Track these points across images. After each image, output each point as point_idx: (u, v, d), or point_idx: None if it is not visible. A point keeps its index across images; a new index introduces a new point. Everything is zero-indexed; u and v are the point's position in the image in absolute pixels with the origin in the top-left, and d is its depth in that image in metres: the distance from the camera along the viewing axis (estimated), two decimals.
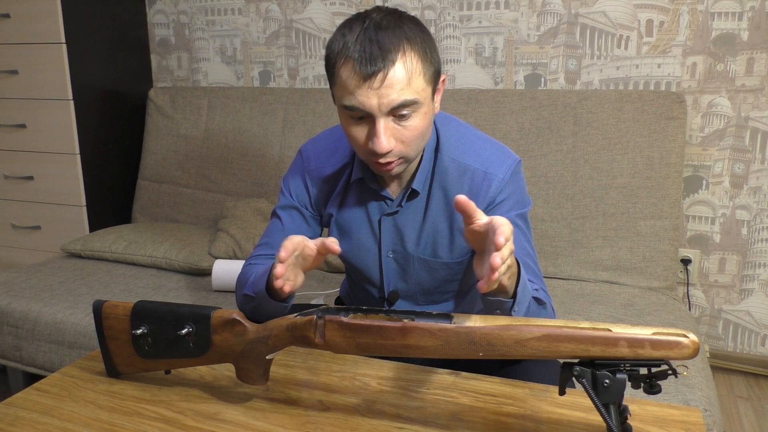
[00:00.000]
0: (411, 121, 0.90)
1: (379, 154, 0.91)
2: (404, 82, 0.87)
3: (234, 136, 2.27)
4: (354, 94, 0.88)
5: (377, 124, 0.89)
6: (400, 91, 0.87)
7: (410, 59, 0.87)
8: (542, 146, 1.89)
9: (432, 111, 0.95)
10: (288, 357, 0.96)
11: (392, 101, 0.87)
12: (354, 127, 0.92)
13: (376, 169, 0.96)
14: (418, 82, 0.88)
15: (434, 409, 0.81)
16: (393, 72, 0.86)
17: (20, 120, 2.27)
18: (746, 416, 1.79)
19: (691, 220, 1.99)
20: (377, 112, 0.88)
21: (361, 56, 0.86)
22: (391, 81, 0.86)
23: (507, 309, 0.82)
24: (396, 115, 0.89)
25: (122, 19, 2.42)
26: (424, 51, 0.90)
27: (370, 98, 0.87)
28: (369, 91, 0.87)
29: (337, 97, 0.93)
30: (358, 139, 0.93)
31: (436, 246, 1.05)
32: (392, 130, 0.90)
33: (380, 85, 0.86)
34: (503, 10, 2.05)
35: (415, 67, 0.88)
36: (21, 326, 1.71)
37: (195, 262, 1.92)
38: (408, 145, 0.92)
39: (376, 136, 0.89)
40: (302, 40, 2.33)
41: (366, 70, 0.86)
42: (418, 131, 0.92)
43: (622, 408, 0.66)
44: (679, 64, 1.91)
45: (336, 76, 0.90)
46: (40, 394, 0.86)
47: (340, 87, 0.90)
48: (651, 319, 1.56)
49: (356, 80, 0.87)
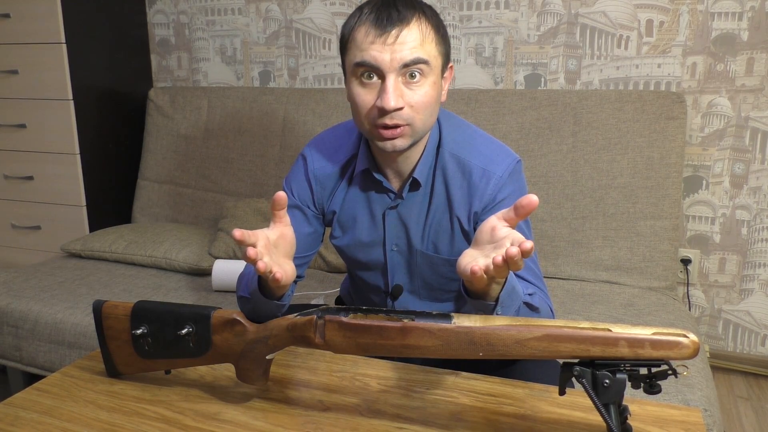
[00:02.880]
0: (420, 85, 0.91)
1: (387, 112, 0.90)
2: (418, 41, 0.90)
3: (234, 136, 2.27)
4: (367, 50, 0.90)
5: (387, 80, 0.90)
6: (413, 49, 0.89)
7: (425, 24, 0.91)
8: (542, 146, 1.89)
9: (440, 89, 0.96)
10: (288, 357, 0.96)
11: (404, 57, 0.89)
12: (362, 90, 0.93)
13: (381, 138, 0.94)
14: (430, 47, 0.92)
15: (434, 409, 0.81)
16: (408, 30, 0.89)
17: (20, 120, 2.27)
18: (746, 416, 1.79)
19: (691, 220, 1.99)
20: (388, 67, 0.89)
21: (377, 17, 0.89)
22: (404, 38, 0.89)
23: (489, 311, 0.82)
24: (407, 75, 0.91)
25: (122, 19, 2.42)
26: (438, 26, 0.93)
27: (383, 53, 0.89)
28: (383, 47, 0.89)
29: (348, 62, 0.94)
30: (366, 103, 0.93)
31: (438, 241, 1.05)
32: (401, 91, 0.91)
33: (394, 41, 0.89)
34: (503, 10, 2.05)
35: (428, 33, 0.91)
36: (21, 326, 1.71)
37: (195, 262, 1.92)
38: (416, 110, 0.92)
39: (385, 92, 0.90)
40: (302, 40, 2.33)
41: (381, 26, 0.89)
42: (427, 98, 0.92)
43: (622, 408, 0.66)
44: (679, 64, 1.91)
45: (350, 41, 0.93)
46: (40, 394, 0.86)
47: (353, 48, 0.92)
48: (651, 319, 1.56)
49: (371, 37, 0.89)
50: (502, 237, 0.72)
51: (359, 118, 0.95)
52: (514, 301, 0.85)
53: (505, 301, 0.82)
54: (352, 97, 0.95)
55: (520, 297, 0.86)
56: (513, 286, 0.83)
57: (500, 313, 0.82)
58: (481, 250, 0.76)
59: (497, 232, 0.74)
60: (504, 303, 0.82)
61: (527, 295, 0.92)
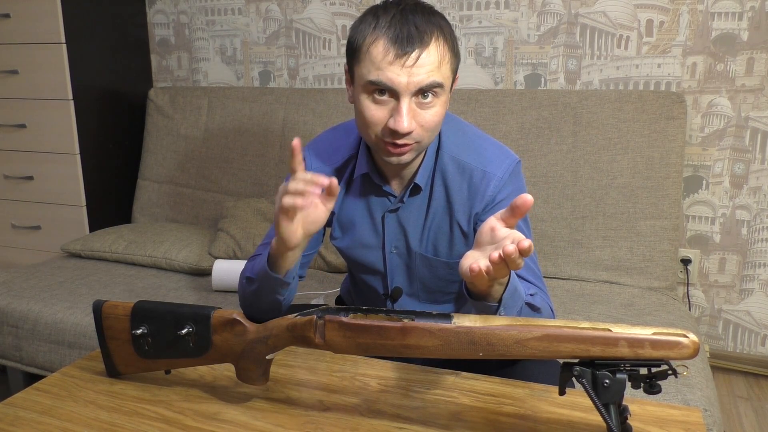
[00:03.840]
0: (432, 105, 0.91)
1: (398, 134, 0.90)
2: (435, 65, 0.89)
3: (234, 136, 2.27)
4: (384, 70, 0.88)
5: (401, 102, 0.89)
6: (430, 73, 0.89)
7: (442, 45, 0.90)
8: (542, 146, 1.89)
9: (448, 103, 0.96)
10: (288, 357, 0.96)
11: (421, 81, 0.88)
12: (374, 106, 0.92)
13: (386, 154, 0.94)
14: (446, 68, 0.91)
15: (434, 409, 0.81)
16: (427, 53, 0.88)
17: (20, 120, 2.27)
18: (746, 416, 1.79)
19: (691, 220, 1.99)
20: (404, 90, 0.89)
21: (396, 34, 0.88)
22: (423, 62, 0.88)
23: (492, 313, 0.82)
24: (420, 96, 0.90)
25: (122, 19, 2.42)
26: (452, 43, 0.93)
27: (400, 76, 0.88)
28: (401, 69, 0.88)
29: (360, 76, 0.92)
30: (377, 120, 0.92)
31: (437, 244, 1.06)
32: (414, 112, 0.91)
33: (413, 63, 0.88)
34: (503, 10, 2.05)
35: (445, 54, 0.91)
36: (21, 326, 1.71)
37: (195, 262, 1.92)
38: (426, 130, 0.93)
39: (399, 115, 0.89)
40: (302, 40, 2.33)
41: (402, 47, 0.88)
42: (438, 117, 0.93)
43: (622, 408, 0.66)
44: (679, 64, 1.91)
45: (364, 53, 0.91)
46: (40, 394, 0.86)
47: (368, 63, 0.90)
48: (651, 319, 1.56)
49: (389, 56, 0.88)
50: (503, 237, 0.73)
51: (366, 131, 0.95)
52: (517, 302, 0.85)
53: (508, 302, 0.82)
54: (361, 109, 0.94)
55: (522, 297, 0.87)
56: (515, 287, 0.83)
57: (503, 314, 0.82)
58: (482, 251, 0.76)
59: (497, 233, 0.74)
60: (507, 304, 0.82)
61: (528, 295, 0.92)
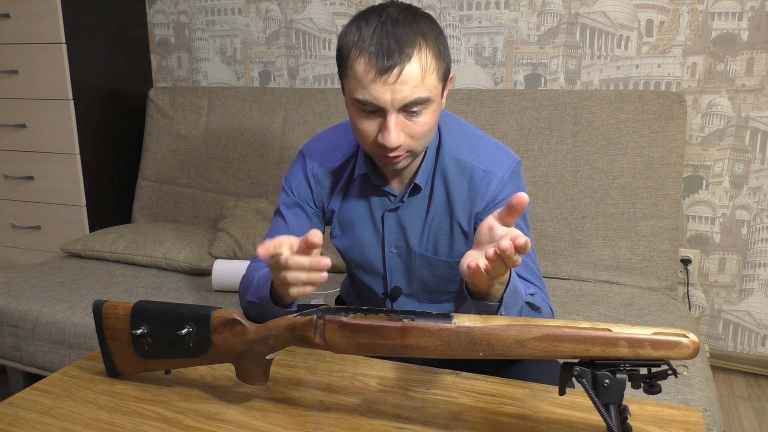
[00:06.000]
0: (421, 117, 0.91)
1: (388, 149, 0.91)
2: (418, 79, 0.87)
3: (234, 136, 2.27)
4: (367, 89, 0.88)
5: (388, 119, 0.89)
6: (414, 88, 0.87)
7: (425, 56, 0.88)
8: (542, 146, 1.89)
9: (441, 107, 0.96)
10: (288, 357, 0.96)
11: (405, 97, 0.87)
12: (363, 121, 0.92)
13: (382, 162, 0.96)
14: (431, 79, 0.89)
15: (434, 409, 0.81)
16: (408, 68, 0.86)
17: (20, 120, 2.27)
18: (746, 416, 1.79)
19: (691, 220, 1.99)
20: (390, 107, 0.88)
21: (377, 50, 0.86)
22: (405, 77, 0.87)
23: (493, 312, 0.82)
24: (407, 111, 0.90)
25: (122, 19, 2.42)
26: (438, 48, 0.90)
27: (384, 93, 0.87)
28: (383, 86, 0.87)
29: (348, 90, 0.92)
30: (367, 133, 0.92)
31: (438, 243, 1.06)
32: (402, 125, 0.91)
33: (395, 80, 0.86)
34: (503, 10, 2.05)
35: (429, 64, 0.88)
36: (21, 326, 1.71)
37: (195, 262, 1.92)
38: (417, 140, 0.93)
39: (386, 131, 0.89)
40: (302, 40, 2.33)
41: (382, 64, 0.86)
42: (427, 127, 0.92)
43: (622, 408, 0.66)
44: (679, 64, 1.91)
45: (349, 68, 0.90)
46: (40, 394, 0.86)
47: (353, 80, 0.90)
48: (651, 319, 1.56)
49: (371, 74, 0.87)
50: (502, 235, 0.73)
51: (360, 139, 0.96)
52: (517, 301, 0.85)
53: (509, 301, 0.82)
54: (352, 120, 0.95)
55: (522, 297, 0.87)
56: (516, 287, 0.84)
57: (504, 313, 0.82)
58: (481, 250, 0.76)
59: (496, 231, 0.75)
60: (507, 303, 0.82)
61: (528, 294, 0.92)
